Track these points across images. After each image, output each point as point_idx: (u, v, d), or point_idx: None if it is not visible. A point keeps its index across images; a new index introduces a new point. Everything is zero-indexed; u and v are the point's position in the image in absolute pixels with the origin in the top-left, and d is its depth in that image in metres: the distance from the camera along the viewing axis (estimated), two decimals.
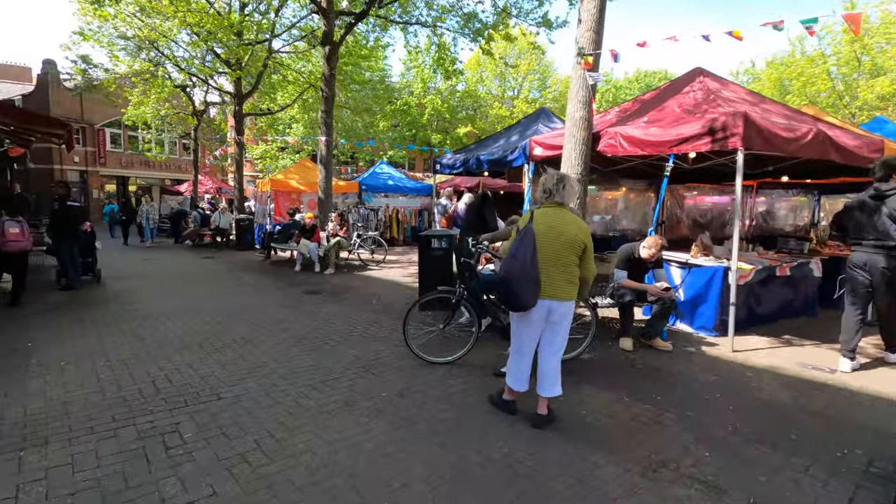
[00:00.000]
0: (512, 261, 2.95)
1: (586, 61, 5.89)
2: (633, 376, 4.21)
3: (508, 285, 2.94)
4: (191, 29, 13.19)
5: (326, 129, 11.52)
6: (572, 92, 6.21)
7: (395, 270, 10.45)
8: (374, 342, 5.02)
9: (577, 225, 2.98)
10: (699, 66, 6.91)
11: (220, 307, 6.50)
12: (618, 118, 7.02)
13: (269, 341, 4.94)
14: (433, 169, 10.37)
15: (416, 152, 30.13)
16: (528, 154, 7.46)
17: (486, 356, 4.60)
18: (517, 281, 2.90)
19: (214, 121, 24.29)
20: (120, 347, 4.60)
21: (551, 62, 38.50)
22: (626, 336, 4.94)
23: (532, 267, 2.89)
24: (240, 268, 10.50)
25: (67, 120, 24.61)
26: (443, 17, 13.50)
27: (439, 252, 6.67)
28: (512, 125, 10.61)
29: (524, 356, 3.17)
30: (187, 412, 3.23)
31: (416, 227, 17.25)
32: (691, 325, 5.75)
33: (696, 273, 5.72)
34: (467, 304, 4.42)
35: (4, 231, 5.94)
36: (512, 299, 2.96)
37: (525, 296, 2.90)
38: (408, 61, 30.94)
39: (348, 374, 4.05)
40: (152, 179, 29.23)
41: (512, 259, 2.96)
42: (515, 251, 2.96)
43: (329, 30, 11.10)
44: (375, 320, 5.99)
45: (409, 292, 7.84)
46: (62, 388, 3.54)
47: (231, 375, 3.95)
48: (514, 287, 2.91)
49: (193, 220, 15.92)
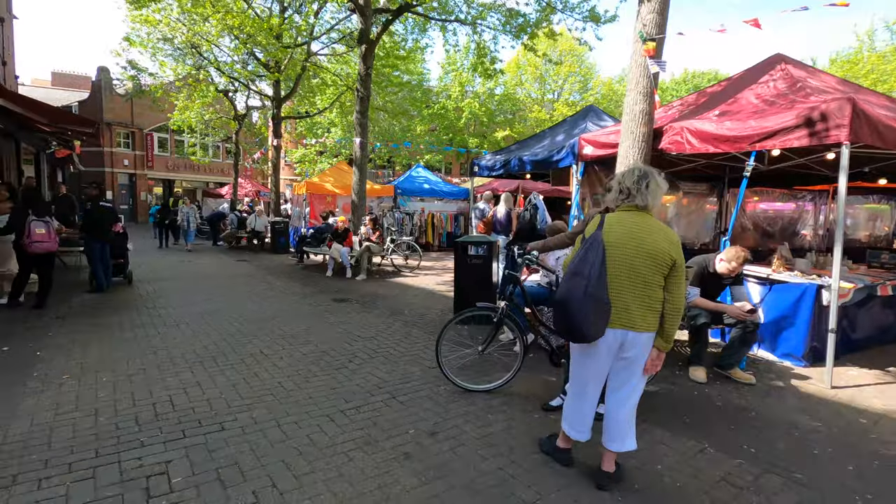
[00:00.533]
0: (574, 279, 2.31)
1: (648, 47, 5.17)
2: (713, 418, 3.46)
3: (568, 309, 2.30)
4: (231, 32, 13.22)
5: (361, 129, 11.17)
6: (631, 82, 5.49)
7: (428, 278, 9.92)
8: (403, 361, 4.47)
9: (665, 235, 2.31)
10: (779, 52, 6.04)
11: (244, 314, 6.14)
12: (680, 113, 6.24)
13: (288, 357, 4.48)
14: (470, 171, 9.78)
15: (452, 155, 29.68)
16: (576, 154, 6.77)
17: (532, 383, 3.96)
18: (579, 304, 2.25)
19: (255, 125, 24.66)
20: (131, 359, 4.25)
21: (593, 64, 37.35)
22: (699, 365, 4.17)
23: (600, 286, 2.25)
24: (271, 271, 10.24)
25: (119, 124, 25.75)
26: (483, 14, 12.96)
27: (477, 260, 6.07)
28: (557, 123, 9.89)
29: (586, 399, 2.52)
30: (183, 447, 2.76)
31: (452, 233, 16.73)
32: (773, 352, 4.90)
33: (780, 291, 4.87)
34: (511, 324, 3.79)
35: (30, 232, 5.79)
36: (572, 327, 2.31)
37: (589, 323, 2.26)
38: (446, 65, 30.63)
39: (372, 402, 3.51)
40: (196, 182, 30.04)
41: (574, 277, 2.32)
42: (578, 266, 2.32)
43: (366, 27, 10.75)
44: (406, 334, 5.45)
45: (444, 302, 7.27)
46: (53, 410, 3.16)
47: (241, 399, 3.48)
48: (575, 312, 2.27)
49: (230, 223, 15.97)
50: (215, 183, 29.87)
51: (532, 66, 34.82)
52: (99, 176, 25.08)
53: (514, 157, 8.44)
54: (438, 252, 15.42)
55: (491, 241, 6.18)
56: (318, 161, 26.56)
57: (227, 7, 12.39)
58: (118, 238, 7.97)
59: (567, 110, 31.29)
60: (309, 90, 18.75)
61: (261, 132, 25.06)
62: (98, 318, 5.73)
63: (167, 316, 5.95)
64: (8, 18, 18.12)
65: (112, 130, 25.58)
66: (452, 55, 30.12)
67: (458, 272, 6.20)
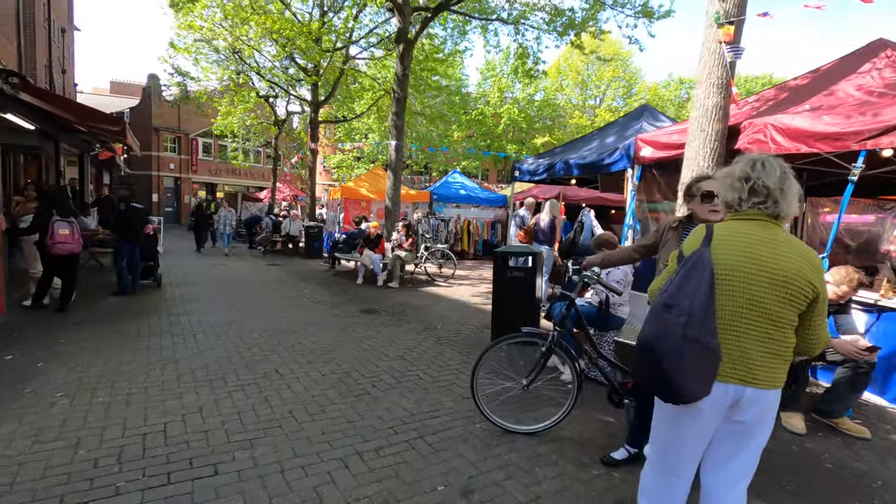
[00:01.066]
0: (666, 314, 1.64)
1: (727, 31, 4.44)
2: (825, 485, 2.70)
3: (658, 357, 1.63)
4: (270, 36, 13.19)
5: (397, 132, 10.76)
6: (702, 73, 4.76)
7: (463, 288, 9.33)
8: (433, 389, 3.90)
9: (802, 255, 1.64)
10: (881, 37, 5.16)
11: (266, 324, 5.74)
12: (756, 110, 5.44)
13: (304, 378, 3.99)
14: (511, 176, 9.16)
15: (489, 161, 29.08)
16: (632, 156, 6.06)
17: (585, 424, 3.31)
18: (676, 351, 1.59)
19: (295, 130, 24.91)
20: (135, 375, 3.86)
21: (638, 69, 36.04)
22: (796, 411, 3.39)
23: (706, 326, 1.59)
24: (302, 277, 9.92)
25: (166, 129, 26.62)
26: (527, 13, 12.35)
27: (519, 273, 5.44)
28: (607, 125, 9.15)
29: (678, 475, 1.83)
30: (164, 497, 2.28)
31: (489, 240, 16.10)
32: (883, 395, 4.02)
33: (891, 320, 4.01)
34: (563, 355, 3.15)
35: (54, 232, 5.60)
36: (665, 382, 1.64)
37: (691, 378, 1.61)
38: (485, 70, 30.16)
39: (395, 443, 2.95)
40: (238, 186, 30.67)
41: (666, 311, 1.65)
42: (674, 296, 1.65)
43: (404, 27, 10.36)
44: (438, 354, 4.88)
45: (479, 317, 6.67)
46: (32, 438, 2.76)
47: (244, 431, 3.00)
48: (669, 361, 1.61)
49: (265, 227, 15.93)
50: (255, 187, 30.42)
51: (573, 72, 33.87)
52: (146, 179, 25.98)
53: (559, 160, 7.78)
54: (474, 260, 14.81)
55: (535, 251, 5.54)
56: (355, 167, 26.58)
57: (265, 9, 12.34)
58: (148, 240, 7.81)
59: (610, 116, 30.15)
60: (347, 95, 18.67)
61: (299, 137, 25.29)
62: (116, 323, 5.46)
63: (187, 324, 5.62)
64: (69, 30, 19.00)
65: (160, 135, 26.43)
66: (492, 60, 29.66)
67: (498, 285, 5.57)
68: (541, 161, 8.33)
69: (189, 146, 27.67)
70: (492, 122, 28.02)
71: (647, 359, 1.68)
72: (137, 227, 7.31)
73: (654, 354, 1.65)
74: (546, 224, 7.69)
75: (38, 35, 11.74)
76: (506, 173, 31.30)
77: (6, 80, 4.99)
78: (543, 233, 7.70)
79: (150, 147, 25.82)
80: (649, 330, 1.69)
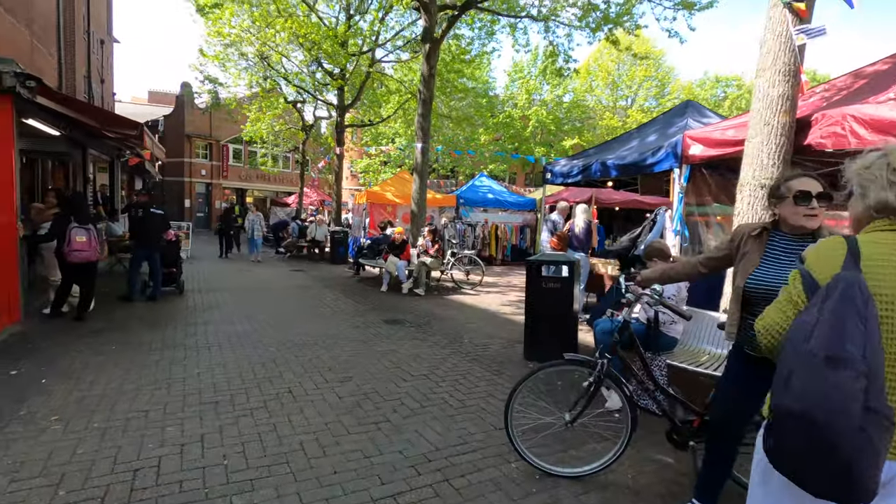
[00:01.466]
0: (831, 372, 1.09)
1: (800, 6, 3.87)
2: None
3: (828, 441, 1.08)
4: (297, 41, 13.12)
5: (423, 134, 10.41)
6: (765, 60, 4.19)
7: (491, 296, 8.87)
8: (461, 415, 3.47)
9: None
10: None
11: (285, 336, 5.44)
12: (826, 100, 4.82)
13: (319, 401, 3.62)
14: (543, 178, 8.66)
15: (517, 164, 28.52)
16: (679, 154, 5.50)
17: (639, 466, 2.82)
18: (857, 430, 1.06)
19: (322, 135, 25.01)
20: (139, 395, 3.58)
21: (671, 68, 34.84)
22: None
23: (875, 390, 1.08)
24: (326, 283, 9.67)
25: (198, 136, 27.16)
26: (557, 10, 11.85)
27: (554, 283, 4.96)
28: (645, 123, 8.56)
29: None
30: None
31: (517, 246, 15.59)
32: None
33: None
34: (616, 388, 2.67)
35: (70, 240, 5.46)
36: (838, 473, 1.09)
37: (876, 468, 1.09)
38: (513, 73, 29.66)
39: (416, 487, 2.53)
40: (267, 192, 31.06)
41: (831, 367, 1.10)
42: (837, 345, 1.11)
43: (430, 26, 10.04)
44: (465, 372, 4.46)
45: (509, 329, 6.21)
46: (11, 475, 2.46)
47: (246, 467, 2.64)
48: (848, 446, 1.06)
49: (291, 232, 15.86)
50: (284, 192, 30.73)
51: (604, 72, 32.98)
52: (178, 185, 26.56)
53: (594, 161, 7.24)
54: (502, 266, 14.33)
55: (571, 260, 5.05)
56: (381, 171, 26.48)
57: (292, 12, 12.26)
58: (169, 246, 7.68)
59: (642, 117, 29.15)
60: (373, 99, 18.53)
61: (326, 141, 25.39)
62: (131, 334, 5.25)
63: (203, 335, 5.37)
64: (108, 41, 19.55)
65: (192, 142, 26.99)
66: (520, 62, 29.18)
67: (531, 296, 5.11)
68: (575, 163, 7.81)
69: (220, 152, 28.17)
70: (519, 125, 27.48)
71: (818, 447, 1.12)
72: (153, 233, 7.16)
73: (824, 437, 1.10)
74: (581, 230, 7.16)
75: (77, 47, 11.99)
76: (534, 176, 30.64)
77: (24, 83, 4.87)
78: (578, 239, 7.18)
79: (182, 154, 26.39)
80: (812, 395, 1.12)
